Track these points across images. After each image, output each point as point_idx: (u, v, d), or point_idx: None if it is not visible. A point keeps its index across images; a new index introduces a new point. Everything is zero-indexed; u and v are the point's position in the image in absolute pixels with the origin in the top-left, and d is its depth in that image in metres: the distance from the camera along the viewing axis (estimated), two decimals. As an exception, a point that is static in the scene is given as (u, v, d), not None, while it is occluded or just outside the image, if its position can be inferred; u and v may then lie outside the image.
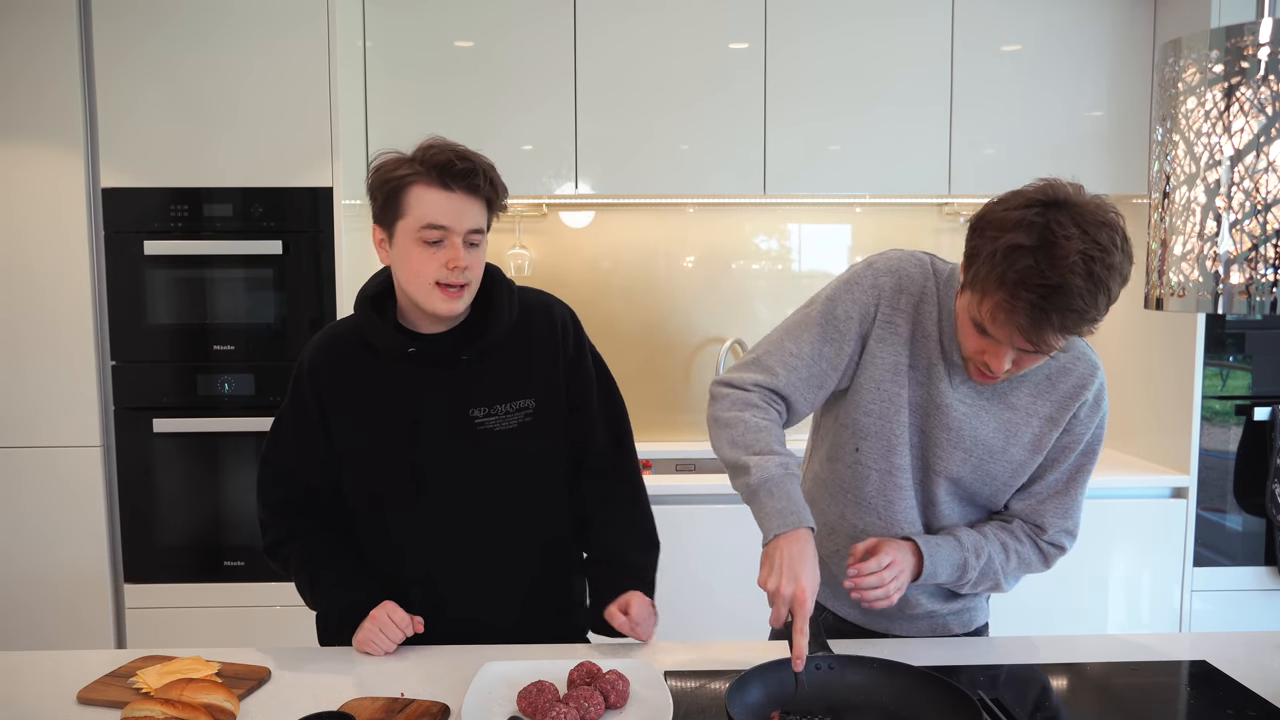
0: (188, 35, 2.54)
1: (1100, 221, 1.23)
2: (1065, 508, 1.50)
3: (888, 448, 1.48)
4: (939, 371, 1.45)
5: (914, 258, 1.49)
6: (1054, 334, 1.24)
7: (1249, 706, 1.32)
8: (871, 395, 1.48)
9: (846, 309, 1.46)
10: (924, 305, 1.45)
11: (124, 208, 2.57)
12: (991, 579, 1.49)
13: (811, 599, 1.29)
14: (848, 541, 1.56)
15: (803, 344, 1.47)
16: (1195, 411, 2.70)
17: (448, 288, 1.40)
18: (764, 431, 1.43)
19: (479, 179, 1.40)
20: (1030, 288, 1.21)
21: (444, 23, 2.79)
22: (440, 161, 1.38)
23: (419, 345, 1.46)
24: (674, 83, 2.82)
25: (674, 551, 2.69)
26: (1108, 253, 1.21)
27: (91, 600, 2.64)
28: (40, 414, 2.61)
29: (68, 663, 1.45)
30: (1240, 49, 1.00)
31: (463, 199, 1.39)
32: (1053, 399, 1.45)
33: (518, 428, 1.49)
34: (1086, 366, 1.46)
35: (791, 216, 3.26)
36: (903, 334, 1.46)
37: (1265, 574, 2.75)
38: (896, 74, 2.84)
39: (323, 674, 1.42)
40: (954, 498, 1.51)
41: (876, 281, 1.46)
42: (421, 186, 1.38)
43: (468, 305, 1.46)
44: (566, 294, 3.15)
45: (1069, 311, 1.21)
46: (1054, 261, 1.20)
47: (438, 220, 1.38)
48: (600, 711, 1.25)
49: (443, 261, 1.39)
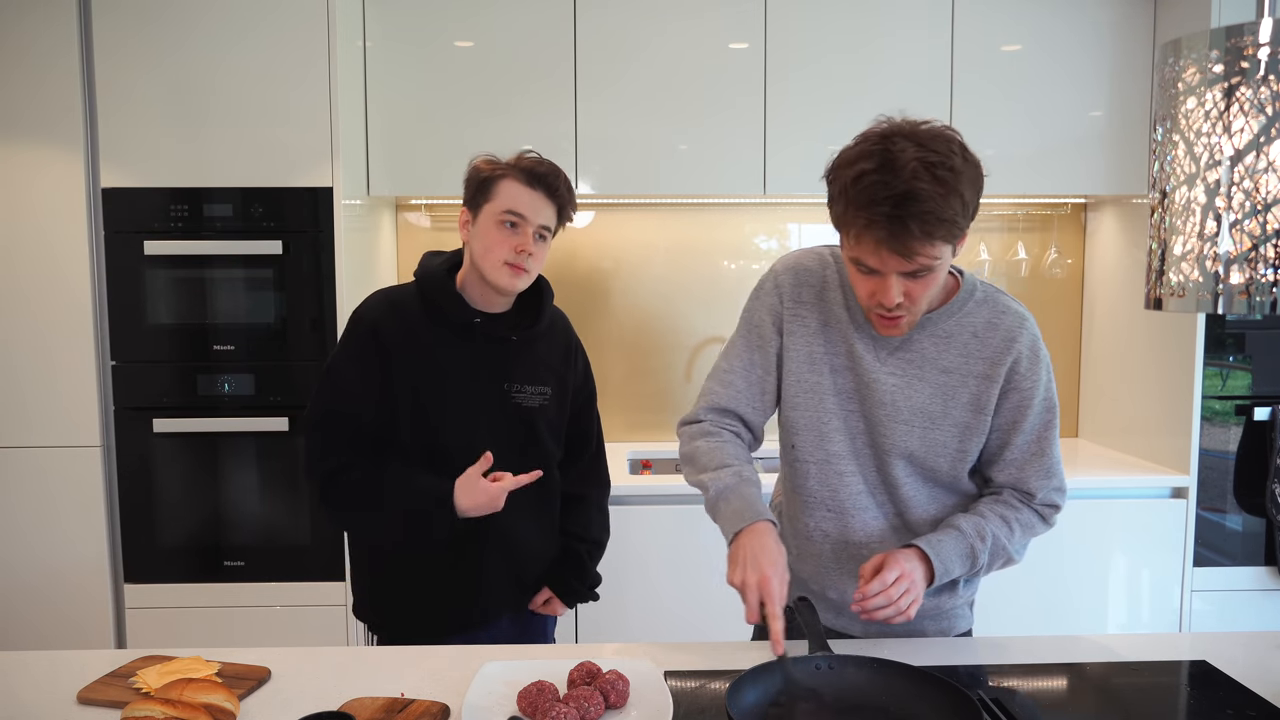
0: (188, 35, 2.54)
1: (933, 134, 1.32)
2: (1046, 468, 1.51)
3: (820, 437, 1.52)
4: (859, 351, 1.49)
5: (812, 251, 1.57)
6: (917, 241, 1.30)
7: (1249, 706, 1.32)
8: (794, 389, 1.53)
9: (759, 315, 1.56)
10: (827, 292, 1.52)
11: (124, 208, 2.57)
12: (1003, 556, 1.50)
13: (779, 584, 1.33)
14: (805, 544, 1.58)
15: (734, 359, 1.58)
16: (1195, 411, 2.71)
17: (514, 267, 1.65)
18: (716, 451, 1.51)
19: (559, 184, 1.67)
20: (880, 201, 1.28)
21: (444, 23, 2.79)
22: (529, 164, 1.66)
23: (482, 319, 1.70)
24: (674, 83, 2.82)
25: (674, 552, 2.70)
26: (947, 157, 1.29)
27: (91, 600, 2.64)
28: (40, 414, 2.61)
29: (68, 663, 1.45)
30: (1240, 49, 1.00)
31: (540, 198, 1.65)
32: (984, 355, 1.47)
33: (538, 407, 1.75)
34: (1013, 319, 1.48)
35: (791, 216, 3.26)
36: (811, 325, 1.52)
37: (1265, 574, 2.75)
38: (896, 74, 2.84)
39: (323, 674, 1.42)
40: (915, 477, 1.51)
41: (777, 281, 1.56)
42: (511, 180, 1.65)
43: (525, 286, 1.70)
44: (566, 294, 3.18)
45: (924, 214, 1.28)
46: (896, 171, 1.27)
47: (518, 209, 1.64)
48: (600, 711, 1.25)
49: (514, 245, 1.64)
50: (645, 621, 2.67)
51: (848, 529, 1.53)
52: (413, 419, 1.68)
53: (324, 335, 2.59)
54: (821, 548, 1.56)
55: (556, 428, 1.80)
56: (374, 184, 2.81)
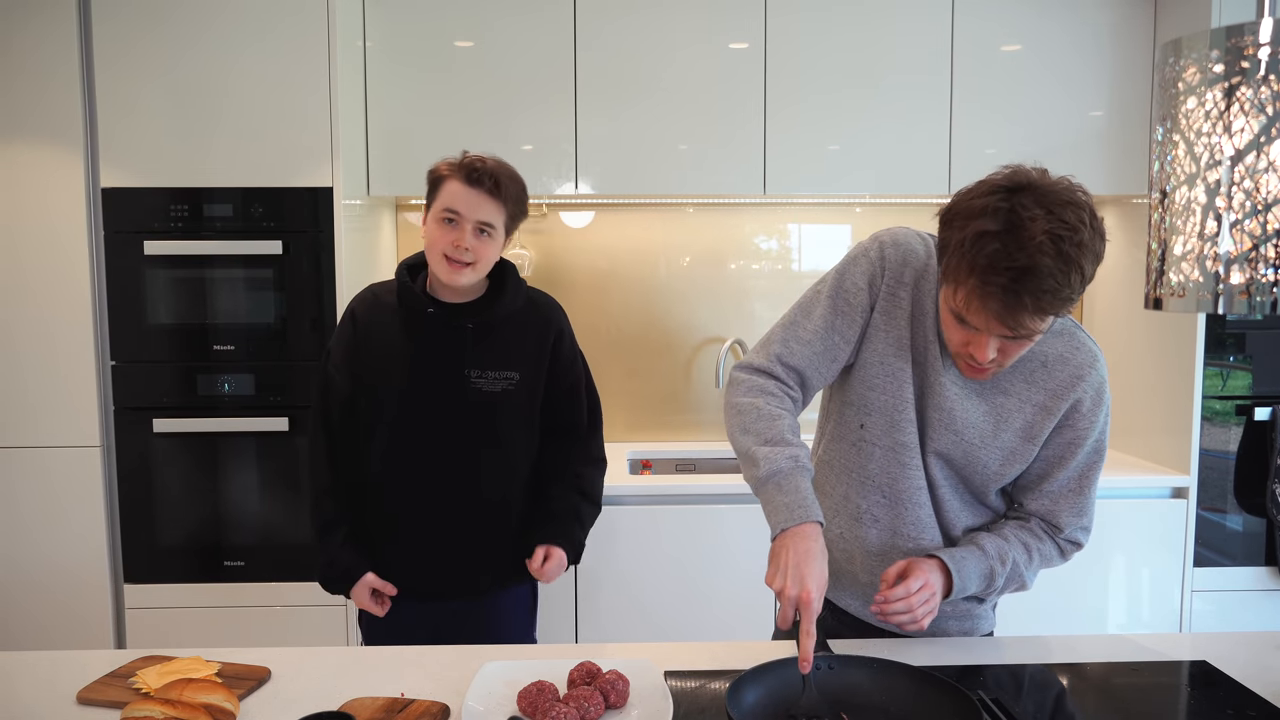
0: (188, 35, 2.54)
1: (1065, 201, 1.24)
2: (1080, 506, 1.50)
3: (892, 424, 1.48)
4: (934, 351, 1.45)
5: (919, 235, 1.50)
6: (1029, 316, 1.25)
7: (1249, 706, 1.32)
8: (876, 370, 1.48)
9: (855, 280, 1.47)
10: (924, 283, 1.46)
11: (124, 208, 2.57)
12: (1017, 581, 1.50)
13: (818, 601, 1.28)
14: (851, 525, 1.55)
15: (815, 319, 1.49)
16: (1195, 411, 2.71)
17: (452, 260, 1.75)
18: (776, 420, 1.43)
19: (499, 181, 1.76)
20: (999, 271, 1.22)
21: (444, 23, 2.79)
22: (469, 164, 1.76)
23: (436, 309, 1.81)
24: (674, 83, 2.82)
25: (674, 551, 2.70)
26: (1075, 230, 1.22)
27: (91, 600, 2.64)
28: (40, 414, 2.61)
29: (67, 663, 1.45)
30: (1240, 49, 1.00)
31: (479, 195, 1.75)
32: (1047, 387, 1.45)
33: (500, 391, 1.82)
34: (1085, 356, 1.45)
35: (791, 216, 3.26)
36: (905, 309, 1.46)
37: (1265, 574, 2.75)
38: (896, 74, 2.84)
39: (323, 674, 1.42)
40: (949, 482, 1.51)
41: (883, 253, 1.47)
42: (452, 180, 1.76)
43: (472, 282, 1.79)
44: (566, 294, 3.18)
45: (1041, 292, 1.22)
46: (1021, 243, 1.21)
47: (454, 206, 1.75)
48: (600, 711, 1.25)
49: (451, 239, 1.75)
50: (645, 621, 2.67)
51: (900, 518, 1.51)
52: (378, 398, 1.83)
53: (324, 335, 2.59)
54: (869, 531, 1.53)
55: (527, 412, 1.86)
56: (374, 184, 2.80)
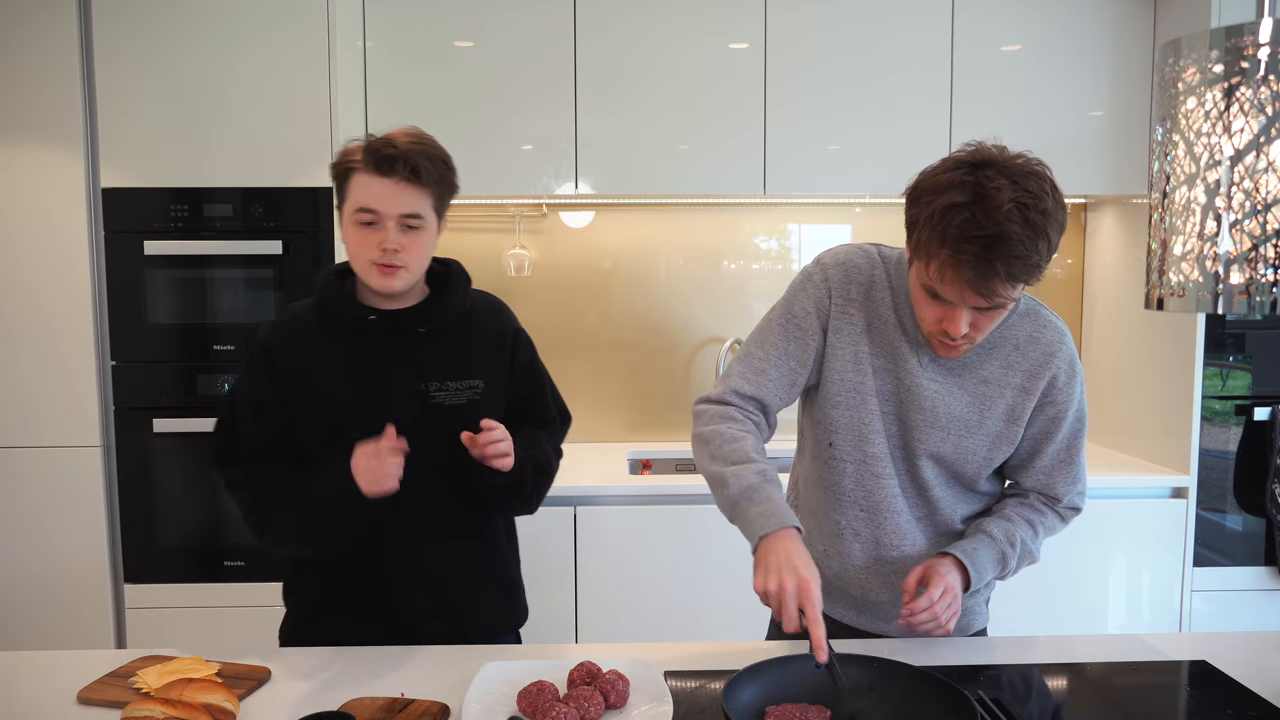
0: (188, 35, 2.54)
1: (1028, 172, 1.29)
2: (1073, 474, 1.55)
3: (860, 438, 1.51)
4: (904, 354, 1.48)
5: (859, 249, 1.55)
6: (1001, 283, 1.28)
7: (1249, 706, 1.32)
8: (837, 387, 1.52)
9: (803, 305, 1.52)
10: (874, 292, 1.50)
11: (124, 208, 2.57)
12: (1028, 558, 1.54)
13: (817, 587, 1.29)
14: (834, 542, 1.57)
15: (768, 349, 1.54)
16: (1195, 411, 2.71)
17: (383, 266, 1.50)
18: (739, 442, 1.47)
19: (417, 161, 1.48)
20: (970, 240, 1.26)
21: (444, 23, 2.79)
22: (375, 147, 1.48)
23: (378, 316, 1.55)
24: (674, 83, 2.82)
25: (673, 552, 2.70)
26: (1039, 199, 1.27)
27: (91, 600, 2.64)
28: (40, 414, 2.61)
29: (68, 663, 1.45)
30: (1240, 49, 1.00)
31: (395, 185, 1.48)
32: (1023, 368, 1.48)
33: (466, 403, 1.58)
34: (1053, 334, 1.50)
35: (791, 216, 3.26)
36: (858, 323, 1.50)
37: (1265, 574, 2.75)
38: (896, 74, 2.84)
39: (323, 674, 1.42)
40: (941, 479, 1.53)
41: (826, 275, 1.52)
42: (360, 173, 1.50)
43: (408, 285, 1.54)
44: (566, 294, 3.19)
45: (1012, 259, 1.26)
46: (989, 212, 1.25)
47: (369, 204, 1.49)
48: (600, 711, 1.25)
49: (377, 243, 1.49)
50: (645, 621, 2.67)
51: (880, 529, 1.54)
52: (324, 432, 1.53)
53: (324, 335, 2.59)
54: (851, 546, 1.56)
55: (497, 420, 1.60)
56: (374, 184, 2.80)
